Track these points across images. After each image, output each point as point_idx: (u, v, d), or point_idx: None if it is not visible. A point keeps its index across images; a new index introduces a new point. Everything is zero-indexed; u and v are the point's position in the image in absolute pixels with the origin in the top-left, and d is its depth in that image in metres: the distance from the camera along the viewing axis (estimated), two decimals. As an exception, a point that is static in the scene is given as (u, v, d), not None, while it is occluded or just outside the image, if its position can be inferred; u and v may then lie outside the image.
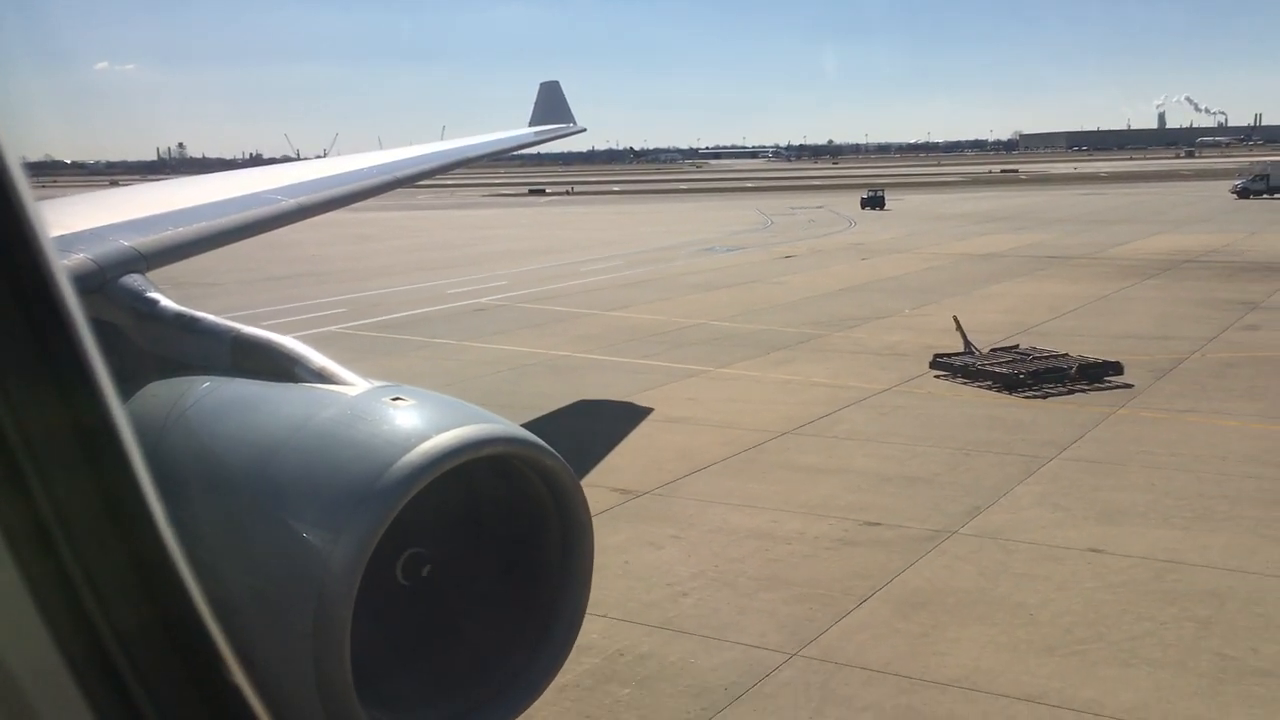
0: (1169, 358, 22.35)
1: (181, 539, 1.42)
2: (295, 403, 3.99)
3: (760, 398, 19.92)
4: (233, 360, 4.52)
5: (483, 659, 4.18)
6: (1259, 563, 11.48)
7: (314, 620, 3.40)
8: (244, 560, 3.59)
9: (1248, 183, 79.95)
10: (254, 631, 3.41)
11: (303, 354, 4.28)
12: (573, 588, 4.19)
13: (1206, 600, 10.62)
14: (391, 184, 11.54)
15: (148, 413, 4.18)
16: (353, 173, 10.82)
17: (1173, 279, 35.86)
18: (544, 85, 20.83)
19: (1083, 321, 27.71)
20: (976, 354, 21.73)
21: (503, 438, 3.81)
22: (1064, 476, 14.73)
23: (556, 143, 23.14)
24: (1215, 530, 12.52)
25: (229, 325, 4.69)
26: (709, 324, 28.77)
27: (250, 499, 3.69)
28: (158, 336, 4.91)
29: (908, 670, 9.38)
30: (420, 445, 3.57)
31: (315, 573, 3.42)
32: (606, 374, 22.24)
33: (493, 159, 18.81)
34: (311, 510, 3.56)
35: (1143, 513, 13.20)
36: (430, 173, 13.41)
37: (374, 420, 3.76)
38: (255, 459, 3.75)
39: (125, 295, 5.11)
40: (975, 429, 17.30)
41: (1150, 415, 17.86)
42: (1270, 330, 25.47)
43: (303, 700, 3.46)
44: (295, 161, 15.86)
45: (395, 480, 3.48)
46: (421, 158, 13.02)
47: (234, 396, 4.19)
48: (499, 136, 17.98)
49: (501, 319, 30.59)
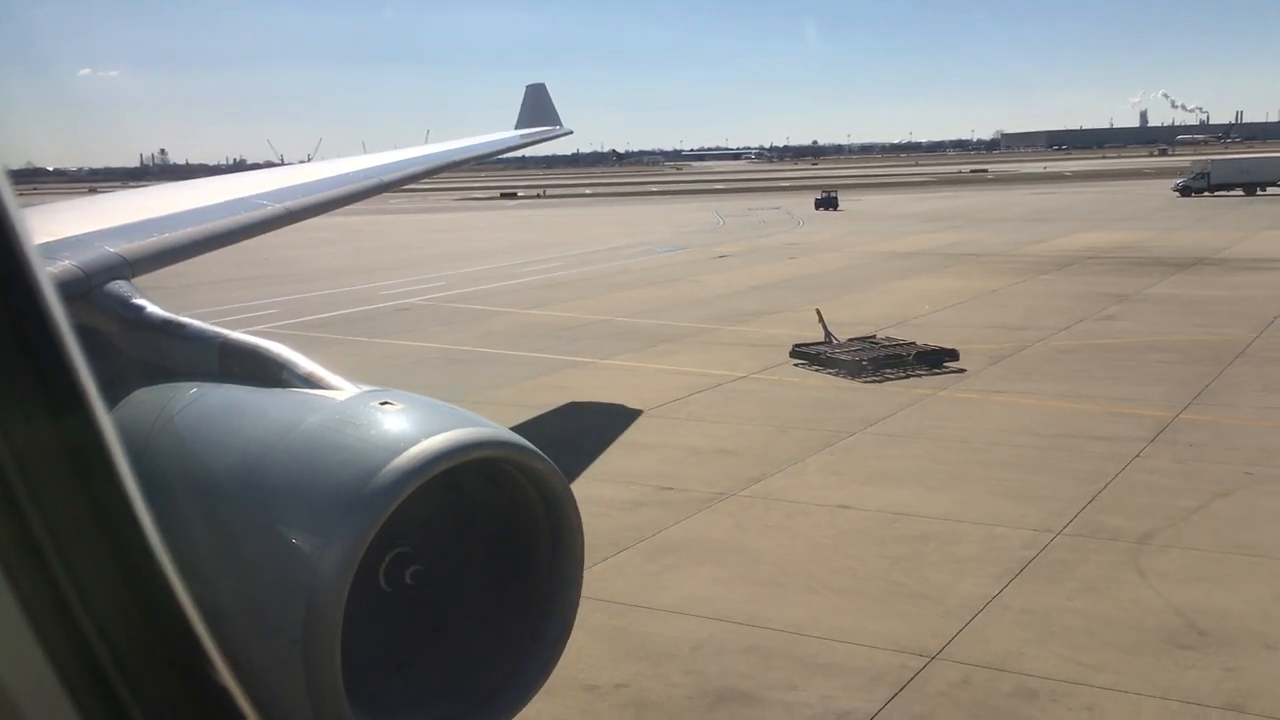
0: (1014, 345, 24.27)
1: (170, 546, 1.42)
2: (283, 408, 3.98)
3: (625, 384, 21.75)
4: (220, 366, 4.51)
5: (474, 662, 4.18)
6: (975, 514, 13.36)
7: (304, 625, 3.40)
8: (233, 566, 3.58)
9: (1189, 180, 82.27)
10: (244, 637, 3.39)
11: (290, 359, 4.26)
12: (563, 590, 4.18)
13: (910, 542, 12.49)
14: (378, 188, 11.59)
15: (135, 419, 4.15)
16: (339, 177, 10.82)
17: (1066, 274, 37.85)
18: (530, 88, 20.95)
19: (958, 314, 29.64)
20: (834, 343, 23.61)
21: (491, 441, 3.81)
22: (856, 448, 16.61)
23: (541, 145, 23.28)
24: (955, 489, 14.39)
25: (216, 331, 4.68)
26: (614, 320, 30.61)
27: (239, 505, 3.68)
28: (144, 343, 4.89)
29: (631, 600, 11.22)
30: (409, 449, 3.57)
31: (305, 578, 3.41)
32: (493, 366, 24.07)
33: (478, 162, 18.67)
34: (300, 515, 3.56)
35: (904, 476, 15.08)
36: (417, 176, 13.44)
37: (362, 425, 3.76)
38: (243, 465, 3.74)
39: (111, 302, 5.08)
40: (803, 409, 19.17)
41: (963, 396, 19.77)
42: (1122, 321, 27.43)
43: (294, 705, 3.46)
44: (280, 166, 16.03)
45: (384, 485, 3.48)
46: (408, 161, 13.03)
47: (222, 402, 4.18)
48: (485, 140, 18.01)
49: (420, 318, 32.41)
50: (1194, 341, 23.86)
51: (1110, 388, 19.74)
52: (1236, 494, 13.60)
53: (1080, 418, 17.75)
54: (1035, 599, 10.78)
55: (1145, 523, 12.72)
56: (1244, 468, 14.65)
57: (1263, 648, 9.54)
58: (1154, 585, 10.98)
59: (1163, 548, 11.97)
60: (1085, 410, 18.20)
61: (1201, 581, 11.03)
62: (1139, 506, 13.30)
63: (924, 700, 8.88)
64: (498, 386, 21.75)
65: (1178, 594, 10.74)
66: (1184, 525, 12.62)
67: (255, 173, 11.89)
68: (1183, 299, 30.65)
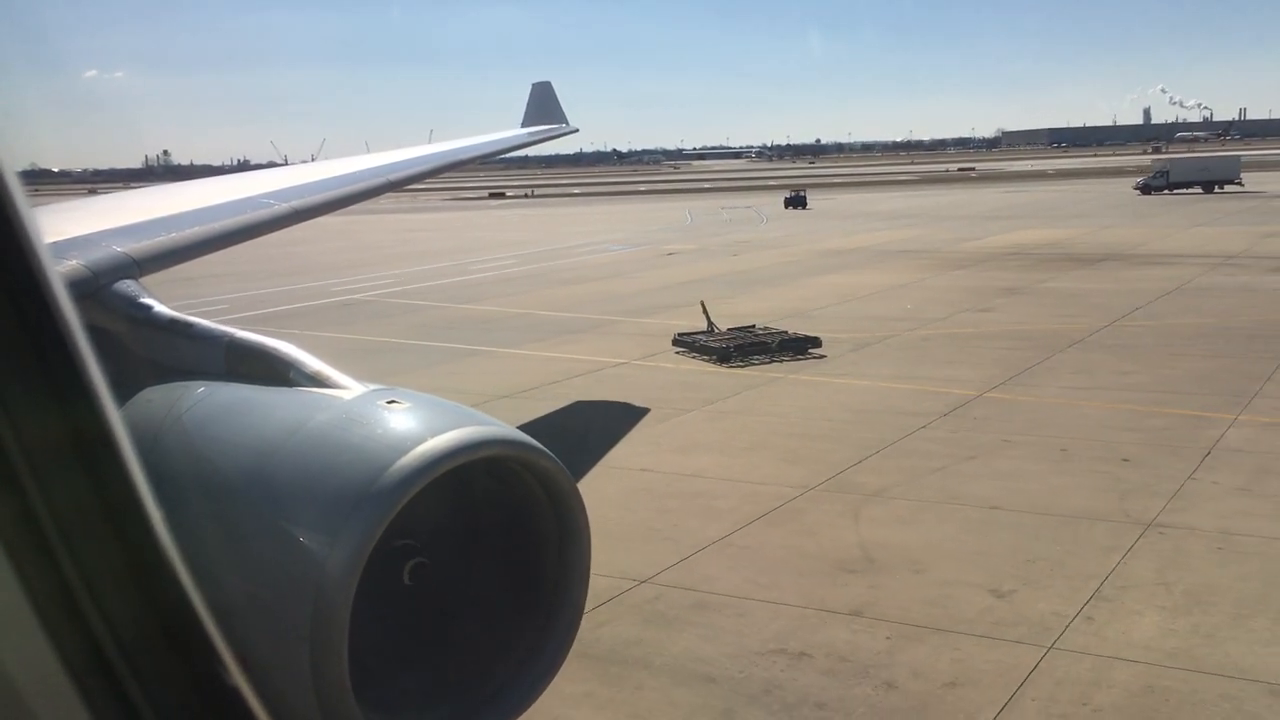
0: (884, 334, 26.30)
1: (179, 543, 1.43)
2: (290, 407, 3.99)
3: (513, 370, 23.81)
4: (227, 365, 4.52)
5: (481, 660, 4.20)
6: (754, 475, 15.37)
7: (312, 623, 3.41)
8: (242, 564, 3.60)
9: (1149, 179, 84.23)
10: (252, 635, 3.42)
11: (297, 358, 4.29)
12: (570, 588, 4.23)
13: (684, 498, 14.51)
14: (384, 187, 11.63)
15: (143, 418, 4.17)
16: (346, 176, 10.84)
17: (979, 270, 39.86)
18: (536, 86, 21.10)
19: (856, 306, 31.66)
20: (715, 332, 25.66)
21: (498, 440, 3.85)
22: (686, 423, 18.65)
23: (543, 145, 23.00)
24: (749, 455, 16.42)
25: (224, 330, 4.69)
26: (535, 314, 32.69)
27: (247, 503, 3.70)
28: (152, 342, 4.90)
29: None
30: (416, 448, 3.60)
31: (313, 576, 3.43)
32: (400, 355, 26.18)
33: (483, 161, 18.83)
34: (308, 514, 3.57)
35: (711, 445, 17.13)
36: (422, 175, 13.42)
37: (369, 423, 3.78)
38: (251, 463, 3.76)
39: (119, 301, 5.11)
40: (658, 390, 21.22)
41: (807, 378, 21.81)
42: (997, 313, 29.41)
43: (301, 703, 3.48)
44: (284, 166, 16.43)
45: (392, 483, 3.50)
46: (414, 160, 13.05)
47: (229, 401, 4.20)
48: (492, 138, 18.08)
49: (358, 313, 34.56)
50: (1047, 330, 25.86)
51: (940, 371, 21.75)
52: (981, 458, 15.62)
53: (898, 396, 19.78)
54: (755, 539, 12.83)
55: (888, 480, 14.76)
56: (1006, 436, 16.68)
57: (911, 573, 11.59)
58: (859, 528, 13.02)
59: (888, 499, 14.01)
60: (906, 390, 20.22)
61: (900, 524, 13.07)
62: (892, 468, 15.33)
63: (611, 610, 10.92)
64: (397, 373, 23.82)
65: (873, 534, 12.78)
66: (918, 482, 14.65)
67: (262, 172, 11.94)
68: (1066, 292, 32.64)
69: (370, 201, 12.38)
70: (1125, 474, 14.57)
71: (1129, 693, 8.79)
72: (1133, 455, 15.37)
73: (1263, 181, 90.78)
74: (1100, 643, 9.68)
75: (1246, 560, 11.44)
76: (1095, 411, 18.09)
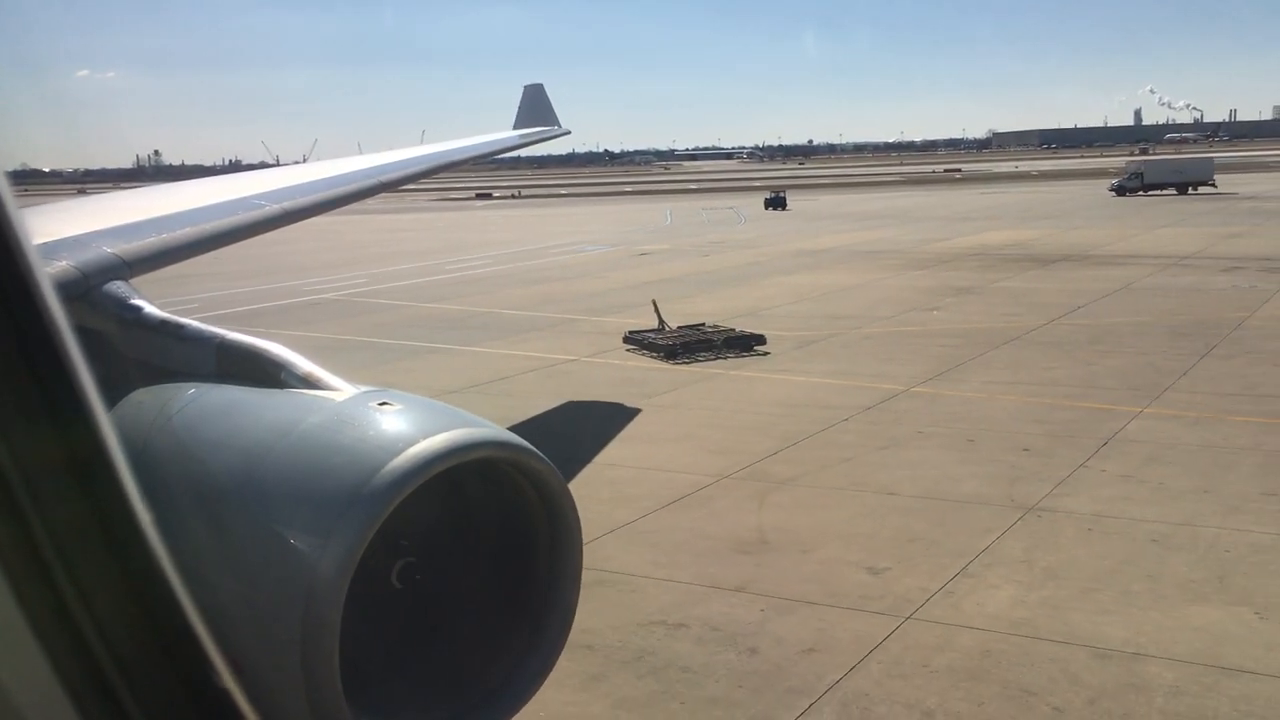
0: (830, 333, 27.08)
1: (169, 546, 1.42)
2: (281, 408, 4.02)
3: (466, 367, 24.54)
4: (218, 366, 4.54)
5: (473, 663, 4.23)
6: (675, 464, 16.09)
7: (303, 626, 3.43)
8: (232, 566, 3.60)
9: (1124, 181, 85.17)
10: (243, 637, 3.42)
11: (288, 359, 4.30)
12: (562, 590, 4.23)
13: (602, 485, 15.19)
14: (377, 188, 11.70)
15: (133, 420, 4.18)
16: (338, 177, 10.89)
17: (939, 270, 40.69)
18: (528, 88, 21.24)
19: (809, 306, 32.44)
20: (666, 330, 26.42)
21: (490, 441, 3.86)
22: (620, 417, 19.40)
23: (535, 146, 23.57)
24: (674, 446, 17.15)
25: (214, 331, 4.70)
26: (498, 312, 33.41)
27: (238, 505, 3.71)
28: (142, 343, 4.91)
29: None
30: (407, 450, 3.60)
31: (304, 578, 3.45)
32: (357, 352, 26.86)
33: (475, 162, 18.98)
34: (299, 516, 3.58)
35: (641, 436, 17.88)
36: (415, 176, 13.53)
37: (361, 425, 3.80)
38: (242, 465, 3.77)
39: (109, 302, 5.12)
40: (603, 386, 21.96)
41: (748, 374, 22.57)
42: (944, 312, 30.22)
43: (292, 705, 3.50)
44: (276, 166, 16.77)
45: (383, 485, 3.52)
46: (406, 161, 13.15)
47: (220, 403, 4.22)
48: (484, 140, 18.20)
49: (324, 312, 35.25)
50: (987, 329, 26.66)
51: (875, 367, 22.54)
52: (892, 448, 16.41)
53: (829, 391, 20.55)
54: (663, 523, 13.59)
55: (800, 469, 15.52)
56: (921, 428, 17.46)
57: (799, 553, 12.35)
58: (763, 513, 13.78)
59: (795, 487, 14.77)
60: (839, 385, 21.00)
61: (800, 509, 13.83)
62: (807, 458, 16.09)
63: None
64: (350, 369, 24.38)
65: (774, 518, 13.54)
66: (828, 471, 15.42)
67: (254, 173, 12.00)
68: (1016, 292, 33.47)
69: (360, 202, 12.86)
70: (1022, 462, 15.36)
71: (967, 655, 9.57)
72: (1034, 446, 16.17)
73: (1236, 183, 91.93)
74: (954, 614, 10.46)
75: (1109, 540, 12.23)
76: (1011, 404, 18.89)
